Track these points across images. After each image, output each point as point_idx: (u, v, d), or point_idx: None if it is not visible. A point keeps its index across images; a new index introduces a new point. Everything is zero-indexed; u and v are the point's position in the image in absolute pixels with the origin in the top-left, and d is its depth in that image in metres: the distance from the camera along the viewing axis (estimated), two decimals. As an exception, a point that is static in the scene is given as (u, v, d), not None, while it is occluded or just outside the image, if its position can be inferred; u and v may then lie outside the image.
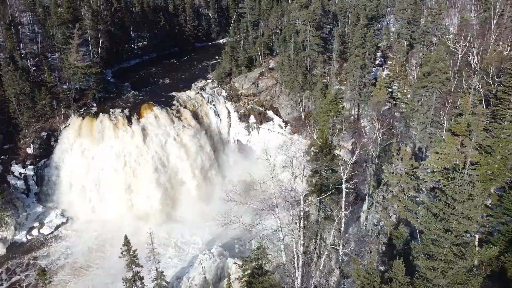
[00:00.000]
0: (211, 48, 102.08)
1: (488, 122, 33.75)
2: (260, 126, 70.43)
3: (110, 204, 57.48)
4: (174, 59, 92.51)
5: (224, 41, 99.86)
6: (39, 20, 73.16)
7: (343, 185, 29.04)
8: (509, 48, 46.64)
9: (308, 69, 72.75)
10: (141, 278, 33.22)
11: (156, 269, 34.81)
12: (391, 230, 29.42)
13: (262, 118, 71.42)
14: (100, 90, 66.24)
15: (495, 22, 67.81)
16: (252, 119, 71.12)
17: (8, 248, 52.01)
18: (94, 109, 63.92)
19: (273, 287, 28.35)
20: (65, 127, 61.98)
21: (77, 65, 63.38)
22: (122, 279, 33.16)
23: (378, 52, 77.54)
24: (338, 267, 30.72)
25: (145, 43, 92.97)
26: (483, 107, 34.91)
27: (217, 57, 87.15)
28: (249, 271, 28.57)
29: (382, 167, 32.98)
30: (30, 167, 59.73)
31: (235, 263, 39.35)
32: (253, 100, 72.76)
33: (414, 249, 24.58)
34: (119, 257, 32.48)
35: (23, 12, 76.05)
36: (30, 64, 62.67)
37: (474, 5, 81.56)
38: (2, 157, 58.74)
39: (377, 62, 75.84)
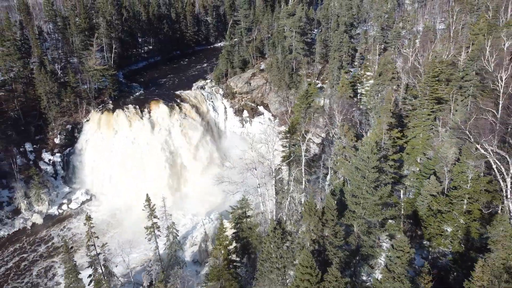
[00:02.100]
0: (209, 51, 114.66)
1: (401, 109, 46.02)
2: (252, 119, 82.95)
3: (125, 184, 69.76)
4: (177, 62, 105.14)
5: (221, 45, 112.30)
6: (60, 29, 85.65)
7: (302, 154, 41.35)
8: (448, 52, 59.04)
9: (294, 70, 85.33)
10: (158, 227, 45.70)
11: (168, 227, 47.26)
12: (336, 184, 41.78)
13: (254, 113, 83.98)
14: (115, 89, 79.00)
15: (453, 28, 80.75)
16: (245, 113, 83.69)
17: (44, 219, 64.63)
18: (111, 105, 76.61)
19: (254, 226, 40.88)
20: (86, 120, 74.73)
21: (95, 68, 76.15)
22: (145, 227, 45.60)
23: (357, 54, 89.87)
24: (299, 211, 43.03)
25: (150, 47, 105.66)
26: (395, 98, 47.25)
27: (214, 59, 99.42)
28: (236, 216, 41.07)
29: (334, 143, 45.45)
30: (58, 154, 72.45)
31: (229, 222, 51.78)
32: (246, 97, 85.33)
33: (345, 192, 37.00)
34: (142, 209, 44.93)
35: (46, 22, 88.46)
36: (58, 68, 75.25)
37: (440, 12, 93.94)
38: (34, 146, 71.56)
39: (356, 63, 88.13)
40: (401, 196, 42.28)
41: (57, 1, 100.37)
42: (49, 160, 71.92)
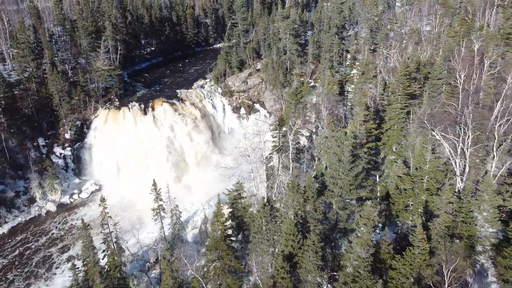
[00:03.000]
0: (209, 52, 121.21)
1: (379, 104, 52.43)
2: (249, 116, 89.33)
3: (131, 176, 76.18)
4: (178, 62, 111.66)
5: (220, 46, 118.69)
6: (68, 32, 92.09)
7: (290, 143, 47.71)
8: (426, 53, 65.40)
9: (288, 70, 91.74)
10: (163, 209, 52.08)
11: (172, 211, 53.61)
12: (319, 168, 48.02)
13: (251, 110, 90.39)
14: (121, 88, 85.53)
15: (436, 30, 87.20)
16: (242, 110, 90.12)
17: (57, 207, 71.10)
18: (117, 103, 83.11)
19: (247, 206, 47.28)
20: (94, 117, 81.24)
21: (103, 68, 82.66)
22: (152, 209, 51.98)
23: (348, 54, 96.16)
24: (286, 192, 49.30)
25: (153, 48, 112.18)
26: (373, 94, 53.61)
27: (213, 61, 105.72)
28: (232, 197, 47.45)
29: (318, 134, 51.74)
30: (68, 149, 78.93)
31: (226, 208, 58.18)
32: (243, 95, 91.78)
33: (325, 174, 43.36)
34: (149, 193, 51.31)
35: (55, 25, 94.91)
36: (68, 68, 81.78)
37: (427, 15, 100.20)
38: (47, 141, 78.09)
39: (348, 63, 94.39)
40: (377, 179, 48.61)
41: (65, 5, 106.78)
42: (60, 154, 78.39)
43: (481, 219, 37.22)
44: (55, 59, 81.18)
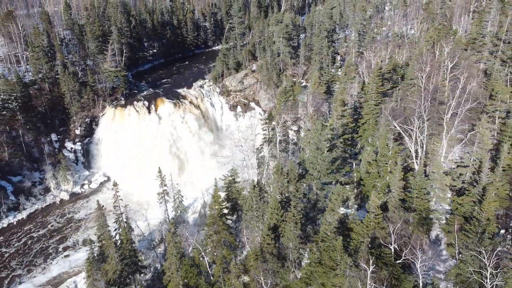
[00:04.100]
0: (208, 54, 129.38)
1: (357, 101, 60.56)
2: (244, 114, 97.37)
3: (135, 168, 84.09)
4: (179, 63, 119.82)
5: (218, 48, 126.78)
6: (76, 35, 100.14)
7: (277, 134, 55.65)
8: (402, 57, 73.47)
9: (281, 71, 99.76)
10: (167, 193, 60.08)
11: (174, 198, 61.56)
12: (301, 156, 56.27)
13: (247, 108, 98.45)
14: (126, 88, 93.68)
15: (418, 34, 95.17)
16: (239, 109, 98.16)
17: (70, 196, 79.16)
18: (123, 102, 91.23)
19: (240, 189, 55.37)
20: (102, 115, 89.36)
21: (110, 70, 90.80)
22: (157, 193, 59.95)
23: (338, 56, 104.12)
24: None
25: (155, 50, 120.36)
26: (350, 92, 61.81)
27: (211, 62, 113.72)
28: (227, 181, 55.53)
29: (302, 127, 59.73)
30: (78, 143, 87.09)
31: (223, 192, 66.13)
32: (240, 94, 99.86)
33: (306, 160, 51.34)
34: (155, 179, 59.31)
35: (64, 30, 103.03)
36: (78, 70, 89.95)
37: (411, 19, 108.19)
38: (59, 136, 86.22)
39: (338, 64, 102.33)
40: (354, 166, 56.58)
41: (72, 10, 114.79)
42: (71, 148, 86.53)
43: (433, 195, 45.21)
44: (66, 61, 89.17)
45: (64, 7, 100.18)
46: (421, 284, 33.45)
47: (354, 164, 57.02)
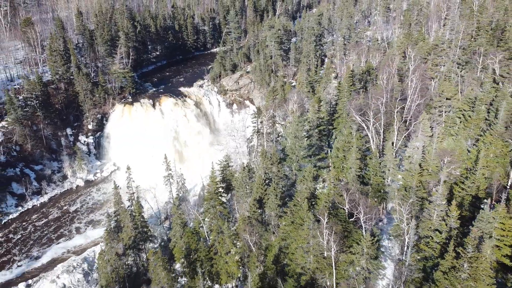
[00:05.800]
0: (207, 56, 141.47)
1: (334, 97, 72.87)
2: (240, 111, 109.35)
3: (142, 158, 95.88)
4: (180, 65, 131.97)
5: (217, 50, 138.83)
6: (87, 40, 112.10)
7: (264, 128, 67.54)
8: (376, 60, 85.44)
9: (273, 72, 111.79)
10: (172, 176, 72.11)
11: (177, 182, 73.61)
12: (284, 143, 68.56)
13: (242, 106, 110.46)
14: (133, 87, 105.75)
15: (396, 39, 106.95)
16: (234, 106, 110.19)
17: (85, 182, 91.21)
18: (130, 100, 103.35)
19: (233, 172, 67.44)
20: (112, 111, 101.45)
21: (118, 71, 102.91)
22: (163, 176, 71.93)
23: (326, 59, 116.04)
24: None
25: (158, 53, 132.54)
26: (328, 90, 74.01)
27: (210, 64, 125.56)
28: (222, 165, 67.59)
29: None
30: (91, 137, 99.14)
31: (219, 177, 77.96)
32: (235, 93, 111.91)
33: (287, 147, 63.22)
34: (162, 164, 71.26)
35: (76, 34, 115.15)
36: (91, 71, 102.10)
37: (391, 25, 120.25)
38: (73, 131, 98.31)
39: (324, 66, 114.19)
40: (329, 153, 68.54)
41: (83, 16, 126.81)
42: (84, 141, 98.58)
43: (387, 174, 57.17)
44: (80, 63, 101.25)
45: (76, 14, 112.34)
46: (364, 232, 45.43)
47: (329, 151, 69.03)
